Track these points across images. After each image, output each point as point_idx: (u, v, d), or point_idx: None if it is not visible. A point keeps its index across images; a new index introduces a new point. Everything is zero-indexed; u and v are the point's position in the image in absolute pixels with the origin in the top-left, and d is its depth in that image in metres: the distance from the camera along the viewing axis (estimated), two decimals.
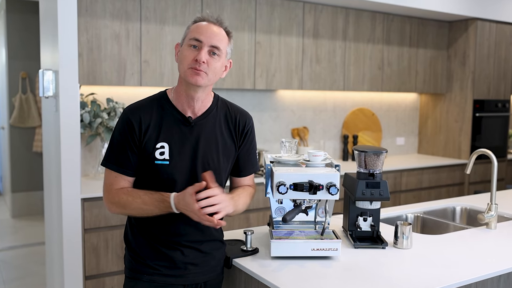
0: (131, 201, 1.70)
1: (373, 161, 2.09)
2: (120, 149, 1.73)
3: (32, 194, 6.33)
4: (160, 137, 1.73)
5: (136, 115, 1.73)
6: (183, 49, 1.73)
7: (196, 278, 1.82)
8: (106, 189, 1.76)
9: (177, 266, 1.78)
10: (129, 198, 1.71)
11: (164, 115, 1.75)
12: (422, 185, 4.81)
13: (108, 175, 1.77)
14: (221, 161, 1.81)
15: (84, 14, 3.32)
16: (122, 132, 1.73)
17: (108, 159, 1.76)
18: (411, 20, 4.96)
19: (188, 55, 1.70)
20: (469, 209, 2.98)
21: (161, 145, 1.72)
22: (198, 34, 1.70)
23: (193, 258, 1.80)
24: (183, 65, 1.71)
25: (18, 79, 6.22)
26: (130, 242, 1.83)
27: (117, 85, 3.49)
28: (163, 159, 1.72)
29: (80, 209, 3.10)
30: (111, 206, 1.75)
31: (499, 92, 5.34)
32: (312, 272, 1.81)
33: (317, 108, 4.82)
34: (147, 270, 1.78)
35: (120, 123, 1.75)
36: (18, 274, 4.42)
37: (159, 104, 1.77)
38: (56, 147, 3.15)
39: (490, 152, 2.51)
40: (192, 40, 1.70)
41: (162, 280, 1.77)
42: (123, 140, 1.72)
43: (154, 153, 1.72)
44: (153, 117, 1.74)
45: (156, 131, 1.73)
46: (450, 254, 2.05)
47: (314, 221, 2.09)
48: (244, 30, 3.95)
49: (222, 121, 1.83)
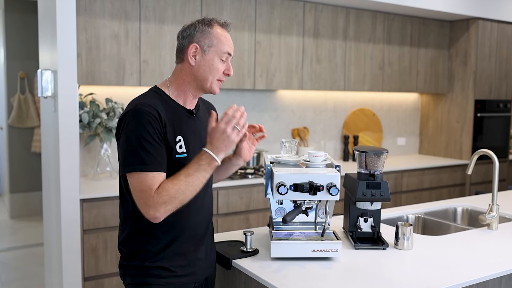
0: (177, 184, 1.58)
1: (374, 161, 2.08)
2: (152, 147, 1.61)
3: (31, 194, 6.32)
4: (176, 131, 1.71)
5: (154, 109, 1.65)
6: (214, 60, 1.75)
7: (204, 274, 1.84)
8: (147, 195, 1.58)
9: (190, 264, 1.77)
10: (174, 181, 1.59)
11: (172, 110, 1.74)
12: (423, 185, 4.79)
13: (142, 180, 1.59)
14: None
15: (83, 13, 3.30)
16: (149, 128, 1.62)
17: (141, 162, 1.59)
18: (412, 20, 4.95)
19: (221, 68, 1.77)
20: (471, 210, 2.97)
21: (179, 138, 1.71)
22: (230, 48, 1.78)
23: (201, 253, 1.82)
24: (212, 75, 1.75)
25: (16, 79, 6.21)
26: (138, 250, 1.73)
27: (116, 85, 3.48)
28: (182, 152, 1.71)
29: (79, 209, 3.09)
30: (159, 208, 1.57)
31: (500, 92, 5.33)
32: (313, 273, 1.80)
33: (318, 108, 4.80)
34: (161, 273, 1.72)
35: (141, 120, 1.62)
36: (17, 275, 4.40)
37: (163, 100, 1.74)
38: (55, 147, 3.13)
39: (491, 152, 2.50)
40: (225, 54, 1.77)
41: (177, 281, 1.74)
42: (152, 136, 1.62)
43: (175, 146, 1.70)
44: (166, 112, 1.70)
45: (172, 125, 1.70)
46: (451, 255, 2.04)
47: (314, 222, 2.09)
48: (244, 30, 3.93)
49: (204, 110, 1.90)
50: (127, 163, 1.61)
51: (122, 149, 1.64)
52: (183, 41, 1.78)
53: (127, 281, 1.77)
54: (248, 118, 4.36)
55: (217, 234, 2.22)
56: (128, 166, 1.61)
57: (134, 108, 1.65)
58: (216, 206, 3.59)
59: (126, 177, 1.66)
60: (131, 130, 1.62)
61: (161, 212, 1.57)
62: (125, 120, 1.66)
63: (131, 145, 1.61)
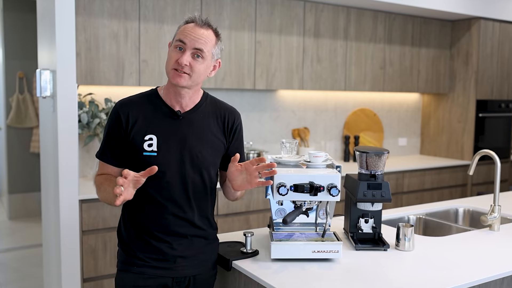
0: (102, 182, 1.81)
1: (375, 162, 2.08)
2: (107, 140, 1.85)
3: (30, 195, 6.29)
4: (148, 130, 1.80)
5: (125, 109, 1.82)
6: (170, 50, 1.81)
7: (185, 271, 1.85)
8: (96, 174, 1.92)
9: (166, 258, 1.83)
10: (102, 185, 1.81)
11: (154, 109, 1.83)
12: (424, 186, 4.78)
13: (99, 164, 1.91)
14: (210, 155, 1.86)
15: (82, 13, 3.29)
16: (110, 125, 1.84)
17: (99, 149, 1.89)
18: (413, 19, 4.93)
19: (173, 56, 1.77)
20: (472, 211, 2.97)
21: (150, 137, 1.79)
22: (183, 36, 1.77)
23: (182, 251, 1.84)
24: (168, 65, 1.80)
25: (15, 79, 6.18)
26: (122, 236, 1.89)
27: (115, 85, 3.46)
28: (151, 151, 1.79)
29: (78, 210, 3.08)
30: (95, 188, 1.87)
31: (502, 92, 5.31)
32: (313, 274, 1.80)
33: (318, 109, 4.78)
34: (136, 262, 1.83)
35: (109, 116, 1.87)
36: (15, 276, 4.39)
37: (149, 99, 1.86)
38: (54, 148, 3.12)
39: (493, 153, 2.50)
40: (177, 41, 1.77)
41: (151, 272, 1.82)
42: (110, 131, 1.84)
43: (143, 144, 1.79)
44: (142, 110, 1.82)
45: (145, 124, 1.80)
46: (453, 256, 2.04)
47: (315, 223, 2.08)
48: (244, 29, 3.91)
49: (210, 117, 1.88)
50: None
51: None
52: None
53: (117, 266, 1.91)
54: (248, 118, 4.35)
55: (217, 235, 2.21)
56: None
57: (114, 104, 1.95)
58: (217, 206, 3.57)
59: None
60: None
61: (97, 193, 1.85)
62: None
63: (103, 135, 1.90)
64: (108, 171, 1.87)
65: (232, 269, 1.93)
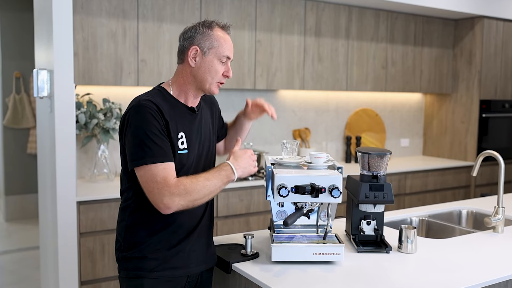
0: (195, 182, 1.68)
1: (377, 163, 2.07)
2: (159, 139, 1.70)
3: (26, 197, 6.25)
4: (179, 128, 1.79)
5: (157, 105, 1.74)
6: (213, 62, 1.82)
7: (197, 267, 1.87)
8: (162, 185, 1.65)
9: (184, 254, 1.83)
10: (193, 180, 1.69)
11: (173, 107, 1.82)
12: (427, 187, 4.75)
13: (154, 172, 1.66)
14: (215, 142, 2.00)
15: (80, 11, 3.26)
16: (153, 124, 1.70)
17: (150, 154, 1.67)
18: (415, 18, 4.89)
19: (219, 70, 1.83)
20: (476, 213, 2.96)
21: (181, 134, 1.79)
22: (229, 52, 1.84)
23: (194, 244, 1.85)
24: (211, 77, 1.82)
25: (11, 79, 6.14)
26: (134, 242, 1.81)
27: (113, 85, 3.43)
28: (183, 148, 1.79)
29: (75, 212, 3.06)
30: (175, 199, 1.64)
31: (506, 92, 5.27)
32: (314, 277, 1.80)
33: (319, 109, 4.75)
34: (156, 266, 1.79)
35: (145, 115, 1.70)
36: (12, 279, 4.36)
37: (164, 98, 1.83)
38: (51, 148, 3.11)
39: (497, 153, 2.48)
40: (224, 57, 1.83)
41: (170, 274, 1.80)
42: (158, 130, 1.70)
43: (178, 142, 1.78)
44: (167, 109, 1.78)
45: (174, 121, 1.78)
46: (456, 259, 2.04)
47: (316, 225, 2.07)
48: (244, 29, 3.88)
49: (205, 107, 1.97)
50: (137, 157, 1.68)
51: (130, 144, 1.70)
52: (184, 42, 1.85)
53: (121, 275, 1.85)
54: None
55: (217, 237, 2.23)
56: (138, 160, 1.68)
57: (137, 104, 1.73)
58: (216, 208, 3.55)
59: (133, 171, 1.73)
60: (136, 125, 1.70)
61: (175, 204, 1.65)
62: (128, 116, 1.73)
63: (138, 139, 1.68)
64: (173, 173, 1.70)
65: (232, 271, 1.93)
